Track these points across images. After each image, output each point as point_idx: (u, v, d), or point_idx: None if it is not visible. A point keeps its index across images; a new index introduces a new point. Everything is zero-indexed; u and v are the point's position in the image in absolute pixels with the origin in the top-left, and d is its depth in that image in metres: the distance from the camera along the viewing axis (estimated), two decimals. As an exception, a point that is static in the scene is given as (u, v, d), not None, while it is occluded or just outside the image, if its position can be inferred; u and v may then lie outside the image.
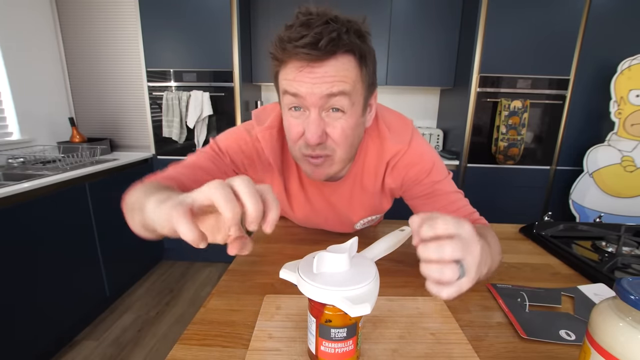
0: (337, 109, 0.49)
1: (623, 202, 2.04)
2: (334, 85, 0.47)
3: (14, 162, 1.75)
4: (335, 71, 0.46)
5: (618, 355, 0.27)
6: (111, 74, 2.34)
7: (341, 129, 0.51)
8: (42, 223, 1.41)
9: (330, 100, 0.48)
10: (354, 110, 0.51)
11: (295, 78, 0.47)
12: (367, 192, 0.68)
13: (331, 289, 0.35)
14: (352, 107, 0.50)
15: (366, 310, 0.33)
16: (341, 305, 0.34)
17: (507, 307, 0.53)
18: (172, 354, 0.43)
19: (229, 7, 1.97)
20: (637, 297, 0.27)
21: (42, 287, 1.40)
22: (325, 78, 0.46)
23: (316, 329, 0.38)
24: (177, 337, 0.49)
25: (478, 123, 2.12)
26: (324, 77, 0.46)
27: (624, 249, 0.74)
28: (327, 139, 0.51)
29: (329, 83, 0.46)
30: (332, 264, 0.38)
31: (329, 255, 0.37)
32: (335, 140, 0.52)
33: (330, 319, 0.37)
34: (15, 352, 1.29)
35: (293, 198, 0.71)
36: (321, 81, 0.46)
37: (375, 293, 0.36)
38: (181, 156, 2.19)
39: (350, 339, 0.38)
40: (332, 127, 0.50)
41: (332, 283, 0.35)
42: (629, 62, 1.89)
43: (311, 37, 0.44)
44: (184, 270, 2.30)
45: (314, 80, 0.46)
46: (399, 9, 2.18)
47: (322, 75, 0.46)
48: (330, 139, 0.51)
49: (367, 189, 0.67)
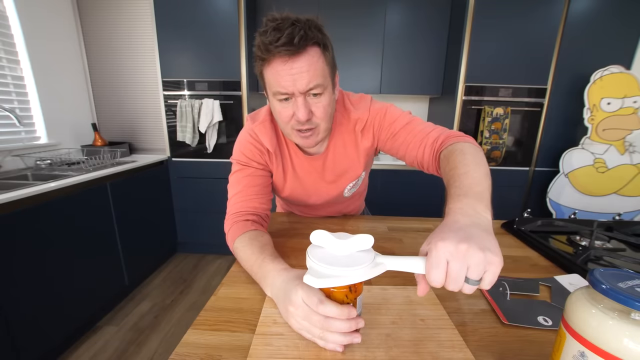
0: (316, 94, 0.58)
1: (595, 200, 2.04)
2: (310, 82, 0.55)
3: (41, 163, 1.75)
4: (309, 65, 0.54)
5: (590, 339, 0.27)
6: (130, 83, 2.34)
7: (322, 107, 0.60)
8: (68, 220, 1.41)
9: (310, 90, 0.57)
10: (327, 91, 0.60)
11: (280, 73, 0.55)
12: (347, 158, 0.76)
13: (314, 261, 0.38)
14: (326, 89, 0.59)
15: (312, 282, 0.35)
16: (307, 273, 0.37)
17: (490, 295, 0.53)
18: (186, 338, 0.43)
19: (237, 22, 1.97)
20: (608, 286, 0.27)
21: (68, 277, 1.40)
22: (303, 74, 0.54)
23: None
24: (190, 323, 0.49)
25: (464, 128, 2.12)
26: (301, 72, 0.54)
27: (596, 242, 0.74)
28: (313, 116, 0.60)
29: (306, 79, 0.55)
30: (330, 244, 0.40)
31: (327, 235, 0.40)
32: (319, 116, 0.61)
33: (329, 295, 0.40)
34: (43, 336, 1.29)
35: (289, 175, 0.77)
36: (300, 77, 0.55)
37: (343, 280, 0.36)
38: (194, 158, 2.19)
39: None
40: (315, 107, 0.60)
41: (323, 260, 0.38)
42: (601, 73, 1.89)
43: (286, 37, 0.51)
44: (196, 262, 2.30)
45: (295, 77, 0.54)
46: (392, 23, 2.18)
47: (299, 70, 0.54)
48: (315, 116, 0.61)
49: (346, 156, 0.75)
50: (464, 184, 0.46)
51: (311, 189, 0.80)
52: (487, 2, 1.91)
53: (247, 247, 0.58)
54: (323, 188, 0.80)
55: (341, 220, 0.91)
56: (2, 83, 1.70)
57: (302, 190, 0.80)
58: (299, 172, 0.77)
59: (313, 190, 0.80)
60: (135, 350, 1.44)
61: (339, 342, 0.38)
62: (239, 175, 0.71)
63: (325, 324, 0.38)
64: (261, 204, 0.70)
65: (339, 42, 2.19)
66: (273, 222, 0.89)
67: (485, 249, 0.34)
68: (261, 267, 0.52)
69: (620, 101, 1.89)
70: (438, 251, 0.34)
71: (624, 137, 1.93)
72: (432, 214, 2.04)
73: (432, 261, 0.35)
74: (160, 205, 2.17)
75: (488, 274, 0.34)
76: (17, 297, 1.18)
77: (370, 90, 2.31)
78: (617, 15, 1.90)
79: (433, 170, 0.64)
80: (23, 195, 1.20)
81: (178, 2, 1.95)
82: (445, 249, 0.34)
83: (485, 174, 0.48)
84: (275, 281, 0.48)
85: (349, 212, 0.97)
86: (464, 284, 0.34)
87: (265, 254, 0.55)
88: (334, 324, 0.38)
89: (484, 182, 0.46)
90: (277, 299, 0.46)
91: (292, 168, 0.76)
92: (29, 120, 1.85)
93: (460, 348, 0.40)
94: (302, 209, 0.93)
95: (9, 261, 1.15)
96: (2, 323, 1.12)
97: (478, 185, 0.45)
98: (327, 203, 0.85)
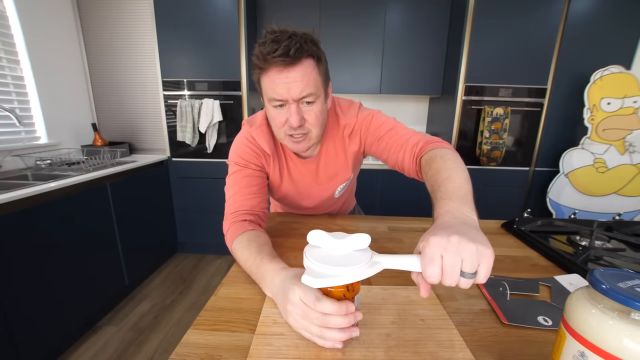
0: (309, 102, 0.62)
1: (595, 200, 2.04)
2: (303, 90, 0.59)
3: (41, 163, 1.75)
4: (302, 75, 0.58)
5: (590, 339, 0.27)
6: (130, 83, 2.33)
7: (314, 114, 0.63)
8: (68, 219, 1.40)
9: (303, 98, 0.60)
10: (320, 100, 0.63)
11: (275, 82, 0.58)
12: (337, 162, 0.79)
13: (311, 260, 0.38)
14: (318, 98, 0.63)
15: (310, 282, 0.35)
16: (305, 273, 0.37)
17: (490, 295, 0.53)
18: (186, 338, 0.43)
19: (237, 22, 1.97)
20: (608, 286, 0.27)
21: (68, 277, 1.40)
22: (297, 83, 0.58)
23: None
24: (190, 323, 0.49)
25: (464, 128, 2.12)
26: (296, 81, 0.58)
27: (596, 242, 0.74)
28: (305, 122, 0.64)
29: (299, 88, 0.58)
30: (327, 244, 0.40)
31: (324, 235, 0.40)
32: (311, 123, 0.64)
33: (327, 294, 0.40)
34: (43, 336, 1.29)
35: (285, 177, 0.80)
36: (294, 86, 0.58)
37: (341, 280, 0.36)
38: (194, 158, 2.19)
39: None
40: (307, 114, 0.63)
41: (320, 260, 0.38)
42: (601, 73, 1.89)
43: (282, 49, 0.55)
44: (196, 262, 2.30)
45: (289, 85, 0.58)
46: (392, 23, 2.18)
47: (293, 80, 0.58)
48: (307, 123, 0.64)
49: (337, 159, 0.79)
50: (448, 189, 0.49)
51: (304, 191, 0.83)
52: (487, 2, 1.91)
53: (245, 248, 0.59)
54: (315, 190, 0.83)
55: (342, 220, 0.91)
56: (2, 83, 1.70)
57: (295, 191, 0.83)
58: (293, 174, 0.80)
59: (306, 192, 0.84)
60: (135, 350, 1.44)
61: (337, 338, 0.38)
62: (237, 176, 0.72)
63: (323, 321, 0.38)
64: (259, 203, 0.71)
65: (339, 42, 2.19)
66: (271, 221, 0.89)
67: (477, 242, 0.35)
68: (260, 268, 0.53)
69: (620, 101, 1.89)
70: (432, 246, 0.36)
71: (624, 137, 1.93)
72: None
73: (427, 257, 0.36)
74: (160, 205, 2.17)
75: (482, 267, 0.35)
76: (17, 297, 1.18)
77: (370, 90, 2.31)
78: (617, 15, 1.90)
79: (413, 174, 0.68)
80: (23, 195, 1.20)
81: (178, 2, 1.95)
82: (438, 244, 0.35)
83: (466, 179, 0.52)
84: (274, 280, 0.48)
85: (339, 210, 1.00)
86: (460, 278, 0.35)
87: (263, 254, 0.55)
88: (332, 320, 0.38)
89: (465, 185, 0.50)
90: (277, 299, 0.47)
91: (288, 171, 0.79)
92: (29, 120, 1.85)
93: (460, 348, 0.40)
94: (295, 210, 0.95)
95: (9, 261, 1.15)
96: (2, 323, 1.12)
97: (461, 188, 0.48)
98: (319, 205, 0.89)
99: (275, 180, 0.79)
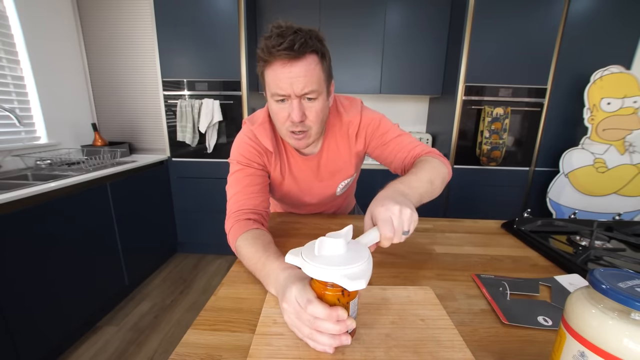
0: (311, 98, 0.62)
1: (595, 200, 2.04)
2: (306, 86, 0.59)
3: (41, 163, 1.75)
4: (306, 71, 0.58)
5: (590, 339, 0.27)
6: (130, 83, 2.33)
7: (315, 111, 0.64)
8: (68, 219, 1.40)
9: (305, 94, 0.61)
10: (322, 97, 0.64)
11: (279, 76, 0.59)
12: (340, 158, 0.80)
13: (332, 268, 0.36)
14: (320, 95, 0.63)
15: (362, 285, 0.34)
16: (341, 282, 0.35)
17: (490, 295, 0.53)
18: (186, 338, 0.43)
19: (237, 22, 1.96)
20: (608, 286, 0.27)
21: (68, 277, 1.40)
22: (300, 78, 0.58)
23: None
24: (190, 323, 0.49)
25: (464, 128, 2.12)
26: (299, 76, 0.58)
27: (596, 242, 0.74)
28: (306, 119, 0.64)
29: (302, 84, 0.59)
30: (331, 247, 0.39)
31: (328, 240, 0.39)
32: (312, 120, 0.65)
33: (321, 296, 0.39)
34: (43, 336, 1.29)
35: (286, 175, 0.80)
36: (297, 81, 0.58)
37: (368, 272, 0.37)
38: (194, 158, 2.19)
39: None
40: (309, 111, 0.64)
41: (332, 263, 0.37)
42: (601, 73, 1.89)
43: (287, 43, 0.55)
44: (196, 262, 2.30)
45: (292, 80, 0.58)
46: (392, 23, 2.18)
47: (296, 75, 0.58)
48: (308, 119, 0.65)
49: (339, 156, 0.80)
50: (406, 179, 0.59)
51: (306, 188, 0.83)
52: (487, 2, 1.91)
53: (250, 246, 0.59)
54: (317, 187, 0.83)
55: (341, 220, 0.91)
56: (2, 83, 1.70)
57: (297, 189, 0.83)
58: (295, 171, 0.80)
59: (307, 190, 0.84)
60: (135, 350, 1.44)
61: (327, 343, 0.38)
62: (239, 175, 0.72)
63: (313, 324, 0.38)
64: (261, 202, 0.71)
65: (339, 42, 2.19)
66: (271, 222, 0.89)
67: (410, 207, 0.48)
68: (265, 265, 0.53)
69: (620, 101, 1.89)
70: (384, 213, 0.47)
71: (624, 137, 1.93)
72: (432, 214, 2.04)
73: (382, 222, 0.46)
74: (160, 205, 2.17)
75: (412, 225, 0.48)
76: (17, 297, 1.18)
77: (370, 90, 2.31)
78: (617, 15, 1.90)
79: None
80: (23, 195, 1.20)
81: (178, 2, 1.95)
82: (388, 211, 0.47)
83: (428, 180, 0.61)
84: (279, 277, 0.48)
85: (339, 210, 1.00)
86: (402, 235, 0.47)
87: (269, 252, 0.55)
88: (321, 324, 0.37)
89: (424, 184, 0.59)
90: (279, 296, 0.47)
91: (289, 168, 0.79)
92: (29, 120, 1.85)
93: (460, 348, 0.40)
94: (295, 209, 0.95)
95: (9, 261, 1.15)
96: (2, 323, 1.12)
97: (417, 182, 0.59)
98: (320, 202, 0.89)
99: (277, 178, 0.79)
